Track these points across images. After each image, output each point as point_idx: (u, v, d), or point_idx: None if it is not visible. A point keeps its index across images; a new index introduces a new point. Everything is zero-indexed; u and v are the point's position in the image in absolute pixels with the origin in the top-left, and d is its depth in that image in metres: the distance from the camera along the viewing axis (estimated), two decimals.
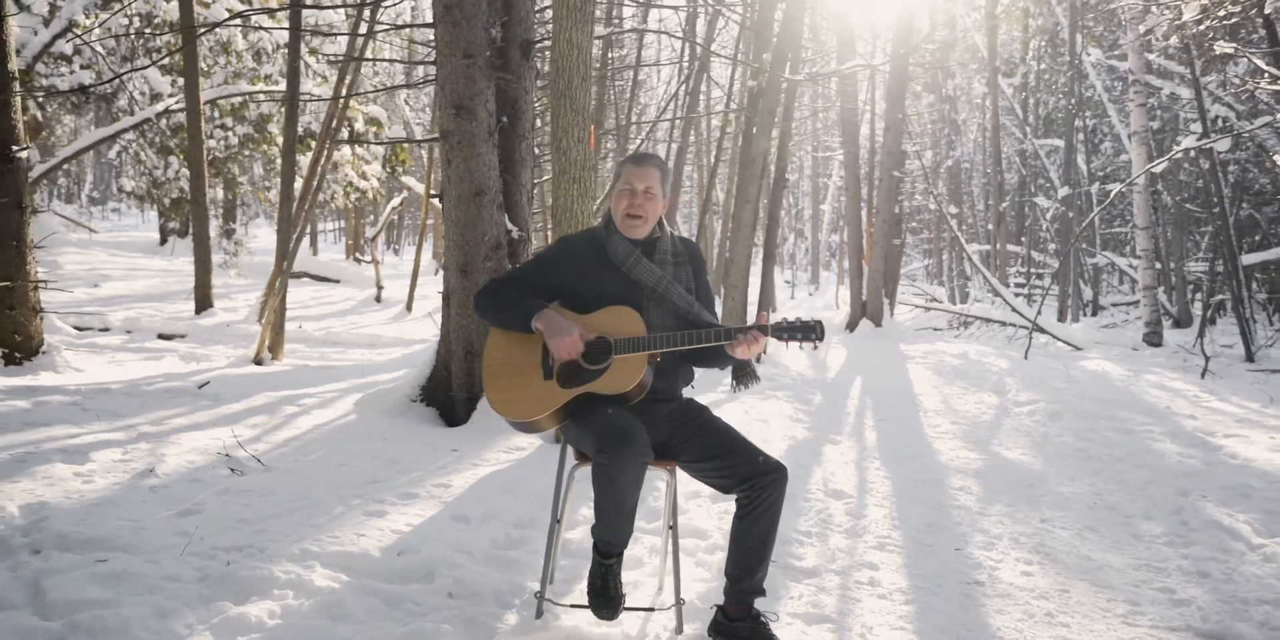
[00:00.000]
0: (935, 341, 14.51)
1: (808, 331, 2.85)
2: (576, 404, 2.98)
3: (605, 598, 2.96)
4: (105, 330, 9.57)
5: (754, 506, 2.96)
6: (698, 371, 3.30)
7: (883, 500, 5.03)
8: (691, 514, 4.35)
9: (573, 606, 3.08)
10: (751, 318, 10.78)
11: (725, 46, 21.95)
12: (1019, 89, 24.40)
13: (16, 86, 6.20)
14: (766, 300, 10.74)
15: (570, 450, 3.17)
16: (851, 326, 15.12)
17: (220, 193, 18.73)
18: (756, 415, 7.16)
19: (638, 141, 13.12)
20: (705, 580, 3.55)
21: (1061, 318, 19.46)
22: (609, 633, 3.04)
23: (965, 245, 17.23)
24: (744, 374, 3.23)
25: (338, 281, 18.46)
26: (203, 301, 10.62)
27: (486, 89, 5.49)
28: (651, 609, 3.12)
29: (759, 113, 9.57)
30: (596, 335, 2.98)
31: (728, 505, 4.60)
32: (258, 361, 7.86)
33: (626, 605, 3.08)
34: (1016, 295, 20.25)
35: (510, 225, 5.70)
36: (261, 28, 7.44)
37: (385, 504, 3.90)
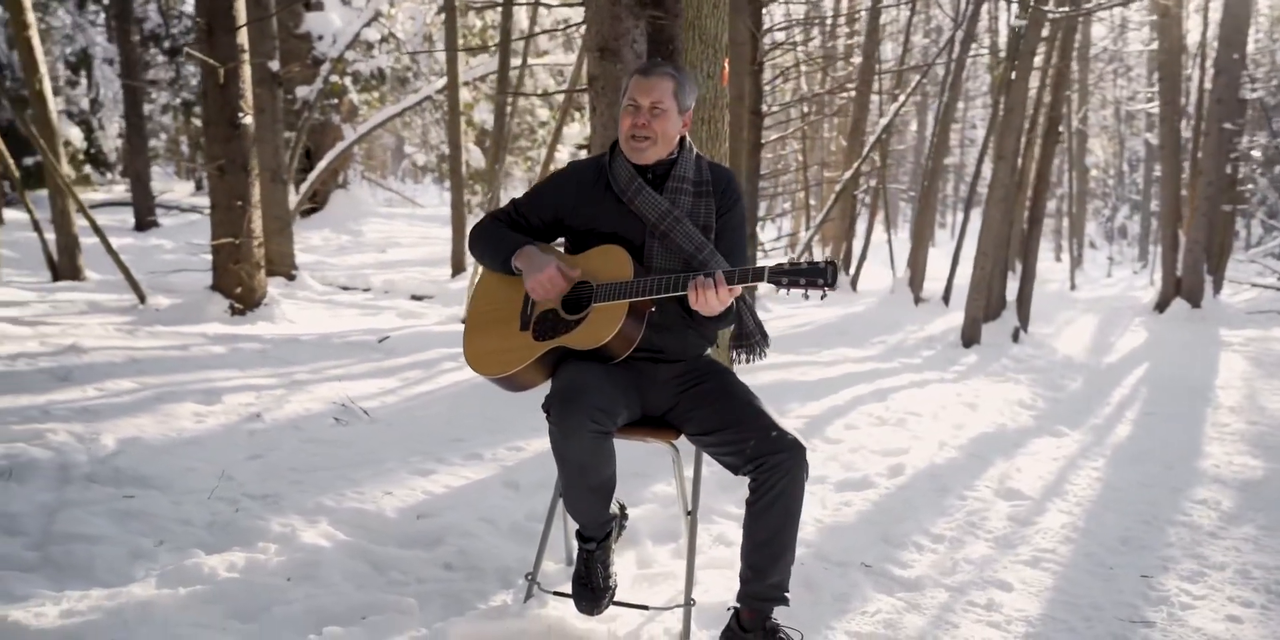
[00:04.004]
0: (1272, 327, 12.09)
1: (814, 275, 2.18)
2: (559, 361, 2.54)
3: (586, 588, 2.52)
4: (366, 290, 10.34)
5: (764, 492, 2.38)
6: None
7: (1073, 507, 4.05)
8: None
9: (556, 594, 2.65)
10: (1011, 292, 9.49)
11: None
12: None
13: (246, 57, 6.69)
14: (1029, 274, 9.40)
15: None
16: (1161, 307, 12.98)
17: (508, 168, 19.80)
18: (969, 398, 6.18)
19: (904, 94, 11.98)
20: None
21: None
22: (594, 629, 2.58)
23: None
24: (745, 343, 2.57)
25: None
26: (457, 265, 11.15)
27: (634, 28, 5.06)
28: (645, 607, 2.61)
29: (1020, 54, 8.31)
30: (580, 276, 2.51)
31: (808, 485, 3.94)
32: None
33: (618, 599, 2.61)
34: None
35: None
36: None
37: (442, 463, 3.67)
